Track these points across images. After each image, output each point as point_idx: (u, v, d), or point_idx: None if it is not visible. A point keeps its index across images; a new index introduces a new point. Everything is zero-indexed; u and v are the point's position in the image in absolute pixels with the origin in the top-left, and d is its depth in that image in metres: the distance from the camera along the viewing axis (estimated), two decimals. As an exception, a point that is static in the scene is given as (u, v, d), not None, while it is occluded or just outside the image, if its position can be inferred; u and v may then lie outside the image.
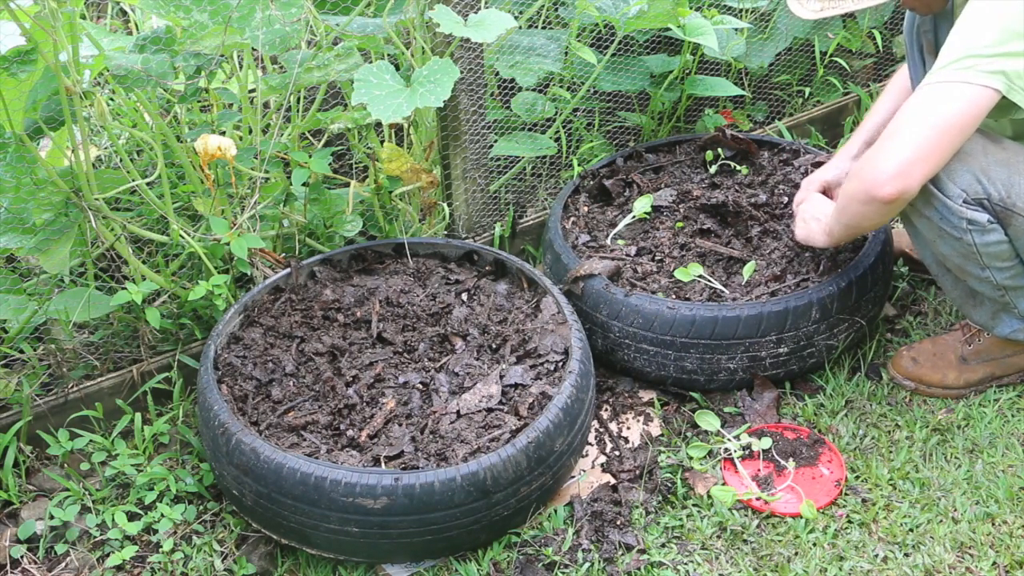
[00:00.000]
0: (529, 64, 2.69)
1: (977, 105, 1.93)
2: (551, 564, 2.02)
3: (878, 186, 1.99)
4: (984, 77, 1.91)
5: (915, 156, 1.96)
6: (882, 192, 1.98)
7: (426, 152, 2.62)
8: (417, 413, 2.12)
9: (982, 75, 1.91)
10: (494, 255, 2.48)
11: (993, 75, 1.91)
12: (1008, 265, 2.13)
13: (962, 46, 1.94)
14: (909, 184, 1.98)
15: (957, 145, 1.99)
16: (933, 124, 1.95)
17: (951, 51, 1.96)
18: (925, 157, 1.97)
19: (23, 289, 2.28)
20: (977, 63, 1.91)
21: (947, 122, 1.95)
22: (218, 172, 2.35)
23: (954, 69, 1.93)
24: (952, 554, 2.01)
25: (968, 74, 1.92)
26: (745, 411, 2.34)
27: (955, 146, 1.99)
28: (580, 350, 2.14)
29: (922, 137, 1.96)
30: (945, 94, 1.94)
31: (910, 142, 1.96)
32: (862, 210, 2.08)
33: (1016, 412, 2.33)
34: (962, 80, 1.92)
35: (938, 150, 1.97)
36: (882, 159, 1.98)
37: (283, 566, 2.07)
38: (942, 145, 1.97)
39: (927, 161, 1.97)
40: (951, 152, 1.99)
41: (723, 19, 2.78)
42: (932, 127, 1.95)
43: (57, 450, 2.21)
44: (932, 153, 1.97)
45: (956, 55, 1.94)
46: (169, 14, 2.14)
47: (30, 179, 2.06)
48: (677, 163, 2.84)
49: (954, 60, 1.94)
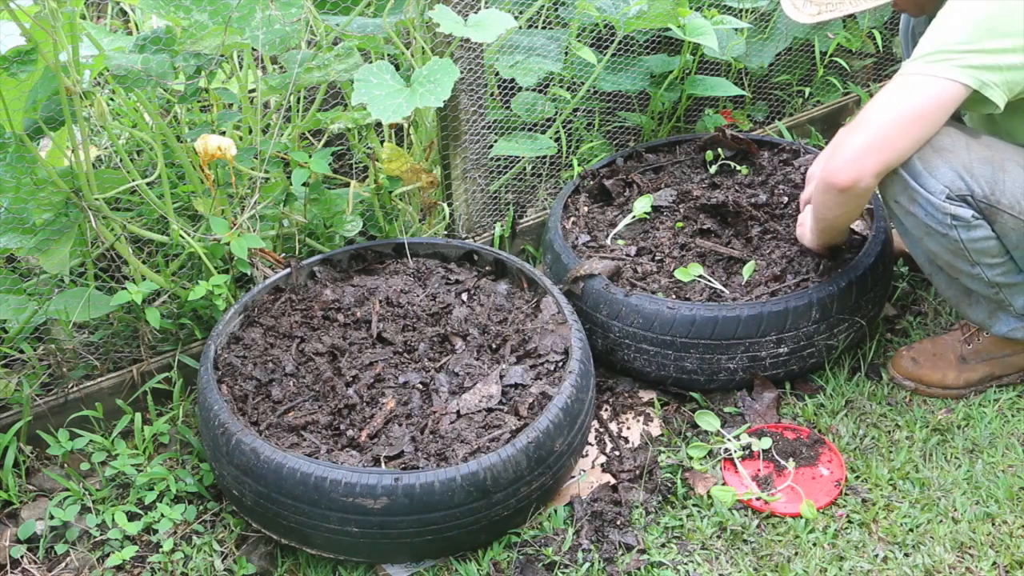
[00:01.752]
0: (529, 64, 2.70)
1: (940, 99, 1.95)
2: (551, 564, 2.02)
3: (833, 173, 2.02)
4: (953, 71, 1.92)
5: (869, 145, 1.99)
6: (836, 179, 2.01)
7: (426, 152, 2.62)
8: (417, 413, 2.12)
9: (952, 69, 1.93)
10: (494, 255, 2.48)
11: (963, 70, 1.92)
12: (998, 262, 2.12)
13: (935, 41, 1.96)
14: (862, 172, 2.00)
15: (917, 137, 2.00)
16: (892, 115, 1.98)
17: (925, 45, 1.98)
18: (879, 146, 1.99)
19: (23, 289, 2.28)
20: (949, 57, 1.93)
21: (906, 113, 1.97)
22: (218, 172, 2.35)
23: (924, 62, 1.95)
24: (952, 554, 2.01)
25: (937, 67, 1.94)
26: (745, 411, 2.34)
27: (914, 137, 2.00)
28: (580, 350, 2.14)
29: (880, 127, 1.98)
30: (910, 86, 1.97)
31: (867, 131, 1.99)
32: (823, 199, 2.12)
33: (1016, 412, 2.33)
34: (929, 73, 1.94)
35: (895, 140, 1.99)
36: (841, 147, 2.02)
37: (283, 566, 2.07)
38: (900, 135, 1.99)
39: (881, 150, 1.99)
40: (910, 143, 2.01)
41: (723, 19, 2.78)
42: (891, 117, 1.98)
43: (57, 450, 2.21)
44: (887, 142, 1.99)
45: (929, 49, 1.96)
46: (169, 14, 2.14)
47: (30, 179, 2.06)
48: (677, 163, 2.84)
49: (926, 54, 1.96)
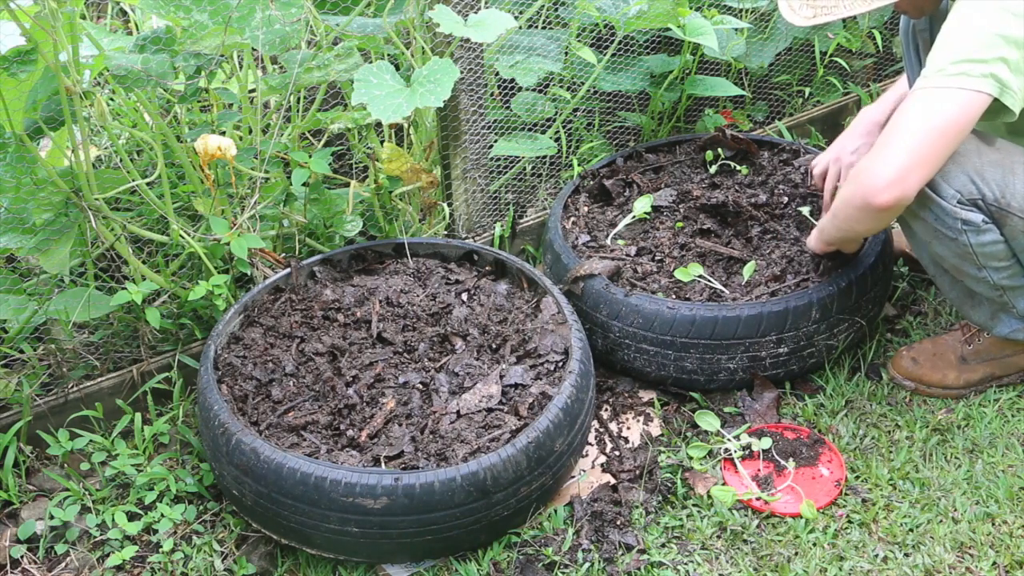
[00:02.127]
0: (529, 64, 2.69)
1: (971, 109, 1.94)
2: (551, 564, 2.02)
3: (875, 193, 1.98)
4: (977, 82, 1.91)
5: (911, 163, 1.96)
6: (879, 200, 1.98)
7: (426, 152, 2.62)
8: (417, 413, 2.12)
9: (973, 79, 1.92)
10: (494, 255, 2.48)
11: (985, 79, 1.91)
12: (1005, 265, 2.13)
13: (954, 50, 1.94)
14: (906, 191, 1.97)
15: (952, 149, 1.99)
16: (928, 130, 1.95)
17: (943, 55, 1.96)
18: (921, 163, 1.97)
19: (23, 289, 2.28)
20: (970, 67, 1.92)
21: (942, 127, 1.95)
22: (218, 172, 2.35)
23: (947, 74, 1.94)
24: (952, 554, 2.01)
25: (961, 79, 1.92)
26: (745, 411, 2.34)
27: (950, 151, 1.99)
28: (580, 350, 2.14)
29: (918, 143, 1.95)
30: (940, 99, 1.94)
31: (906, 148, 1.96)
32: (857, 215, 2.08)
33: (1016, 412, 2.33)
34: (956, 86, 1.93)
35: (934, 156, 1.97)
36: (878, 166, 1.98)
37: (283, 566, 2.07)
38: (937, 150, 1.97)
39: (923, 167, 1.97)
40: (946, 157, 2.00)
41: (723, 19, 2.78)
42: (927, 133, 1.95)
43: (57, 450, 2.21)
44: (928, 159, 1.97)
45: (948, 59, 1.94)
46: (169, 14, 2.14)
47: (30, 179, 2.06)
48: (677, 163, 2.84)
49: (945, 65, 1.94)
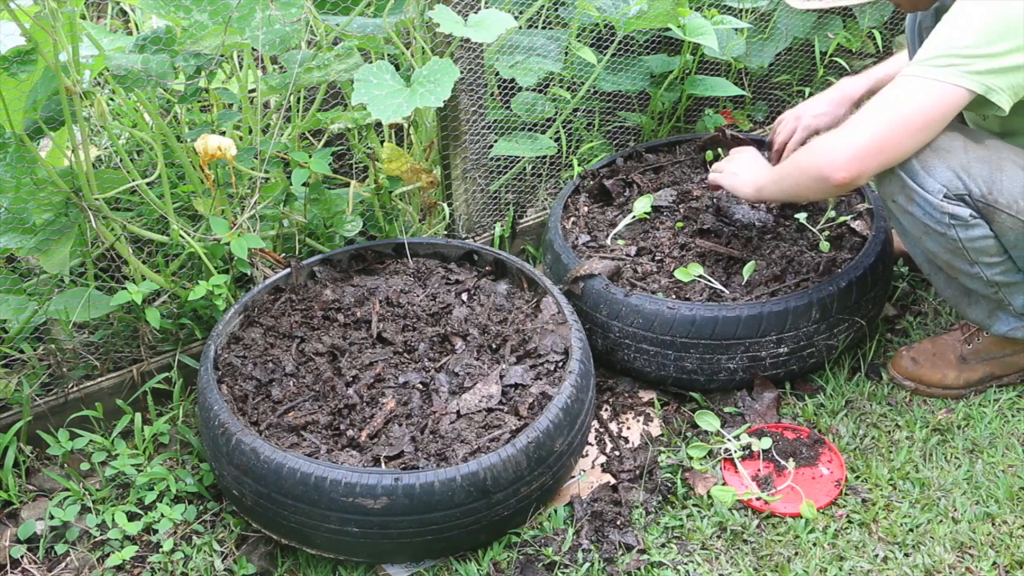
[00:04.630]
0: (529, 64, 2.70)
1: (945, 103, 1.95)
2: (551, 564, 2.02)
3: (833, 169, 2.02)
4: (959, 77, 1.92)
5: (873, 146, 2.00)
6: (835, 176, 2.02)
7: (426, 152, 2.62)
8: (417, 413, 2.12)
9: (958, 75, 1.92)
10: (494, 255, 2.48)
11: (969, 75, 1.92)
12: (997, 261, 2.12)
13: (943, 43, 1.95)
14: (863, 171, 2.02)
15: (920, 140, 2.01)
16: (896, 117, 1.99)
17: (932, 47, 1.97)
18: (882, 148, 2.00)
19: (23, 289, 2.28)
20: (956, 62, 1.93)
21: (911, 117, 1.98)
22: (218, 172, 2.35)
23: (931, 66, 1.95)
24: (952, 554, 2.01)
25: (943, 72, 1.93)
26: (745, 411, 2.34)
27: (917, 140, 2.01)
28: (580, 350, 2.14)
29: (884, 128, 1.99)
30: (916, 89, 1.97)
31: (871, 131, 2.00)
32: (809, 184, 2.12)
33: (1016, 412, 2.33)
34: (936, 78, 1.94)
35: (899, 142, 2.01)
36: (842, 143, 2.02)
37: (283, 566, 2.07)
38: (904, 138, 2.00)
39: (884, 152, 2.01)
40: (913, 146, 2.02)
41: (723, 19, 2.78)
42: (895, 120, 1.99)
43: (57, 450, 2.21)
44: (890, 145, 2.00)
45: (936, 52, 1.96)
46: (169, 14, 2.14)
47: (30, 179, 2.06)
48: (677, 163, 2.84)
49: (933, 56, 1.95)
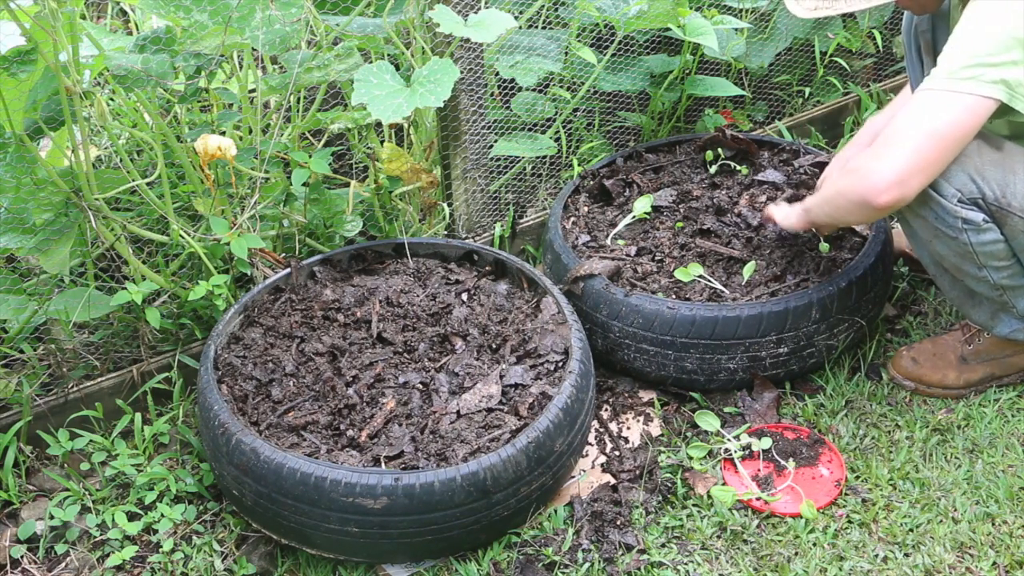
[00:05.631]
0: (529, 64, 2.69)
1: (977, 114, 1.93)
2: (551, 564, 2.02)
3: (876, 193, 1.98)
4: (985, 87, 1.90)
5: (914, 166, 1.96)
6: (879, 200, 1.98)
7: (426, 152, 2.62)
8: (417, 413, 2.12)
9: (983, 85, 1.90)
10: (494, 255, 2.48)
11: (994, 84, 1.90)
12: (1005, 264, 2.13)
13: (964, 53, 1.93)
14: (906, 193, 1.98)
15: (956, 153, 1.99)
16: (933, 133, 1.94)
17: (953, 57, 1.94)
18: (924, 167, 1.97)
19: (23, 289, 2.28)
20: (979, 72, 1.90)
21: (947, 132, 1.94)
22: (218, 172, 2.35)
23: (956, 78, 1.92)
24: (952, 554, 2.01)
25: (970, 84, 1.91)
26: (745, 411, 2.34)
27: (954, 154, 1.99)
28: (580, 350, 2.14)
29: (922, 146, 1.95)
30: (946, 103, 1.93)
31: (910, 150, 1.95)
32: (852, 208, 2.09)
33: (1016, 412, 2.33)
34: (964, 90, 1.91)
35: (937, 159, 1.97)
36: (882, 166, 1.97)
37: (283, 566, 2.07)
38: (941, 154, 1.97)
39: (925, 171, 1.97)
40: (949, 160, 1.99)
41: (723, 19, 2.78)
42: (932, 136, 1.94)
43: (57, 450, 2.21)
44: (931, 162, 1.97)
45: (958, 63, 1.93)
46: (169, 14, 2.14)
47: (30, 179, 2.06)
48: (677, 163, 2.84)
49: (956, 68, 1.92)
